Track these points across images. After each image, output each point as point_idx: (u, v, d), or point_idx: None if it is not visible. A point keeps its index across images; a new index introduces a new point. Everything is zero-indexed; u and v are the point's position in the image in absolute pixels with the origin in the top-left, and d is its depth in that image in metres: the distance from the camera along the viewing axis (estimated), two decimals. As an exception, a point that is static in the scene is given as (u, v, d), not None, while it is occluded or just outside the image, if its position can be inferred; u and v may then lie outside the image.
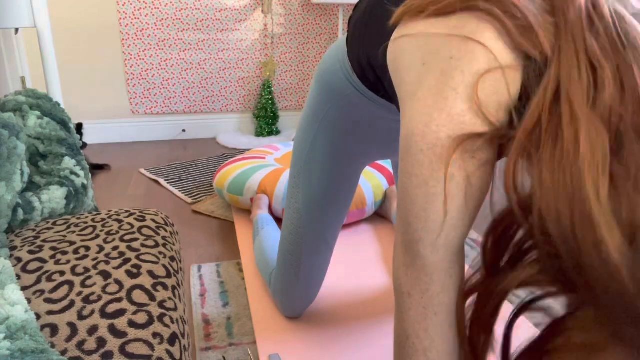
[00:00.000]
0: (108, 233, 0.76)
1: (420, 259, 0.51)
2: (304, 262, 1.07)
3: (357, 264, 1.47)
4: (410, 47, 0.57)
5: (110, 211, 0.85)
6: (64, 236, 0.74)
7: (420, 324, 0.52)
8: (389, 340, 1.13)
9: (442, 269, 0.50)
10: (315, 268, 1.08)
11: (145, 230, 0.79)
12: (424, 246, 0.50)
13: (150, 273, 0.67)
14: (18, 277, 0.64)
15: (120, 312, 0.59)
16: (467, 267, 0.51)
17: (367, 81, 0.80)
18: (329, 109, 0.92)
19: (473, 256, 1.53)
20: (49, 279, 0.63)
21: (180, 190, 2.02)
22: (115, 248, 0.72)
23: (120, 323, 0.57)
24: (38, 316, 0.57)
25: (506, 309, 0.48)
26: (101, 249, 0.71)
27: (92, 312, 0.58)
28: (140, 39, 2.60)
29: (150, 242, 0.75)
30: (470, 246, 1.61)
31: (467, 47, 0.50)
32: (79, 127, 2.57)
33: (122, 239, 0.74)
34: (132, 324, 0.57)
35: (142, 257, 0.71)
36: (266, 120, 2.84)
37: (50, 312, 0.57)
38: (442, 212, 0.49)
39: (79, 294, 0.61)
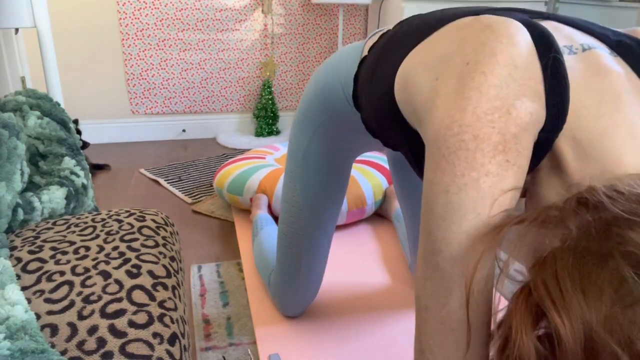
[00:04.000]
0: (108, 233, 0.76)
1: (439, 272, 0.47)
2: (304, 255, 1.07)
3: (357, 264, 1.47)
4: (419, 69, 0.56)
5: (110, 211, 0.85)
6: (64, 236, 0.74)
7: (435, 339, 0.49)
8: (389, 340, 1.13)
9: (463, 284, 0.47)
10: (315, 261, 1.09)
11: (145, 230, 0.79)
12: (443, 258, 0.47)
13: (150, 273, 0.67)
14: (18, 277, 0.64)
15: (120, 312, 0.59)
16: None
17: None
18: (326, 118, 0.93)
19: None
20: (49, 279, 0.63)
21: (180, 190, 2.02)
22: (115, 248, 0.72)
23: (120, 323, 0.57)
24: (38, 316, 0.57)
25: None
26: (101, 249, 0.71)
27: (92, 312, 0.58)
28: (140, 39, 2.60)
29: (150, 242, 0.75)
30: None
31: (485, 49, 0.49)
32: (75, 122, 2.56)
33: (122, 239, 0.74)
34: (132, 324, 0.57)
35: (142, 257, 0.71)
36: (266, 120, 2.84)
37: (50, 312, 0.57)
38: (462, 222, 0.45)
39: (79, 294, 0.61)
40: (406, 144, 0.65)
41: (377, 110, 0.71)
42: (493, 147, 0.45)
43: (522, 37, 0.51)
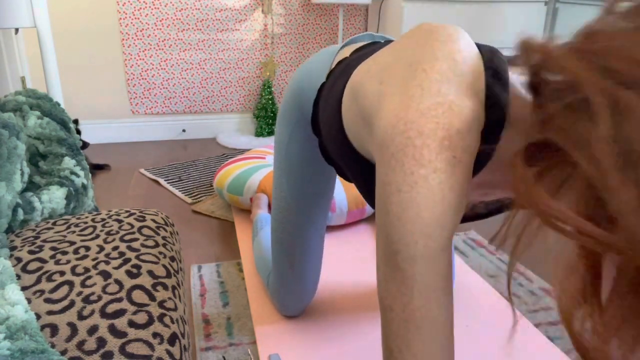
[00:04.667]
0: (108, 233, 0.76)
1: (399, 272, 0.48)
2: (297, 252, 1.07)
3: (356, 264, 1.47)
4: (365, 78, 0.57)
5: (110, 211, 0.85)
6: (64, 236, 0.74)
7: (402, 338, 0.49)
8: (389, 340, 1.13)
9: (423, 282, 0.47)
10: (308, 257, 1.08)
11: (145, 230, 0.79)
12: (402, 258, 0.47)
13: (150, 273, 0.67)
14: (18, 277, 0.64)
15: (120, 312, 0.59)
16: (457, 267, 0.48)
17: None
18: (301, 118, 0.94)
19: (473, 256, 1.54)
20: (49, 279, 0.63)
21: (180, 190, 2.02)
22: (115, 248, 0.72)
23: (120, 323, 0.57)
24: (38, 316, 0.57)
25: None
26: (101, 249, 0.71)
27: (92, 312, 0.58)
28: (140, 39, 2.60)
29: (150, 242, 0.75)
30: (470, 246, 1.60)
31: (425, 48, 0.49)
32: (75, 122, 2.57)
33: (122, 239, 0.74)
34: (132, 324, 0.57)
35: (142, 257, 0.71)
36: (266, 120, 2.84)
37: (50, 312, 0.57)
38: (416, 220, 0.46)
39: (79, 294, 0.61)
40: (359, 175, 0.66)
41: (330, 132, 0.71)
42: (439, 143, 0.45)
43: (461, 36, 0.52)
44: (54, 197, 0.85)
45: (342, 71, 0.72)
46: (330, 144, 0.74)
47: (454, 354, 0.50)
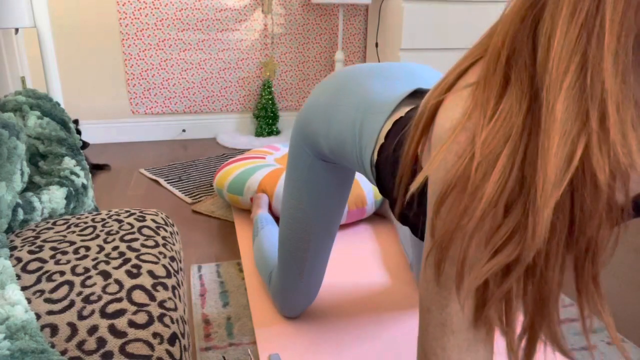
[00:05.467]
0: (108, 233, 0.76)
1: (442, 274, 0.47)
2: (309, 259, 1.07)
3: (356, 264, 1.47)
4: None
5: (110, 211, 0.85)
6: (64, 236, 0.74)
7: (437, 341, 0.49)
8: (389, 340, 1.13)
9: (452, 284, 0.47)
10: (318, 264, 1.09)
11: (145, 230, 0.79)
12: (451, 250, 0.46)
13: (150, 273, 0.67)
14: (18, 277, 0.64)
15: (120, 312, 0.59)
16: None
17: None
18: (312, 157, 0.95)
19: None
20: (49, 279, 0.63)
21: (180, 190, 2.02)
22: (115, 248, 0.72)
23: (120, 323, 0.57)
24: (38, 316, 0.57)
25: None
26: (101, 249, 0.71)
27: (92, 312, 0.58)
28: (140, 39, 2.60)
29: (150, 242, 0.75)
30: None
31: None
32: (75, 122, 2.57)
33: (122, 239, 0.74)
34: (132, 324, 0.57)
35: (142, 257, 0.71)
36: (266, 120, 2.84)
37: (50, 312, 0.57)
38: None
39: (79, 294, 0.61)
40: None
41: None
42: None
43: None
44: (54, 197, 0.85)
45: (402, 127, 0.71)
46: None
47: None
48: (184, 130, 2.82)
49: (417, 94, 0.78)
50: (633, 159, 0.36)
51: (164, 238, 0.79)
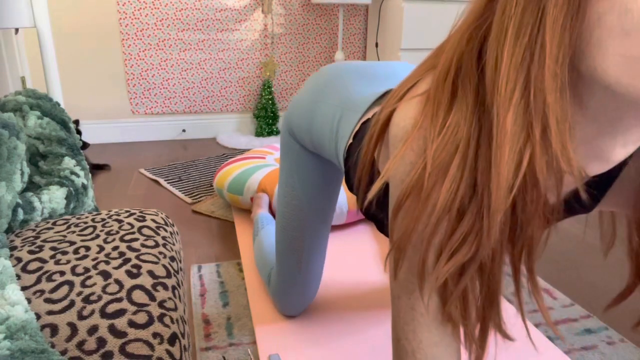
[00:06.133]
0: (108, 233, 0.76)
1: (400, 272, 0.51)
2: (305, 249, 1.07)
3: (356, 264, 1.47)
4: None
5: (110, 211, 0.85)
6: (64, 236, 0.74)
7: (408, 325, 0.52)
8: (388, 339, 1.13)
9: (405, 280, 0.51)
10: (316, 254, 1.10)
11: (145, 230, 0.79)
12: (410, 248, 0.50)
13: (150, 273, 0.67)
14: (18, 277, 0.64)
15: (120, 312, 0.59)
16: None
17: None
18: (299, 148, 0.99)
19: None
20: (49, 279, 0.63)
21: (180, 190, 2.02)
22: (115, 248, 0.72)
23: (120, 323, 0.57)
24: (38, 316, 0.57)
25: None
26: (101, 249, 0.71)
27: (92, 312, 0.58)
28: (140, 39, 2.60)
29: (150, 242, 0.75)
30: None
31: None
32: (75, 123, 2.57)
33: (122, 239, 0.74)
34: (132, 324, 0.57)
35: (142, 257, 0.71)
36: (266, 120, 2.84)
37: (50, 312, 0.57)
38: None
39: (79, 294, 0.61)
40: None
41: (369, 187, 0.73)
42: None
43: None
44: (54, 197, 0.85)
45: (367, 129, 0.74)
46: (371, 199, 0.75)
47: (460, 342, 0.52)
48: (184, 130, 2.82)
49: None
50: (572, 166, 0.40)
51: (164, 238, 0.79)
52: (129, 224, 0.80)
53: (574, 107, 0.43)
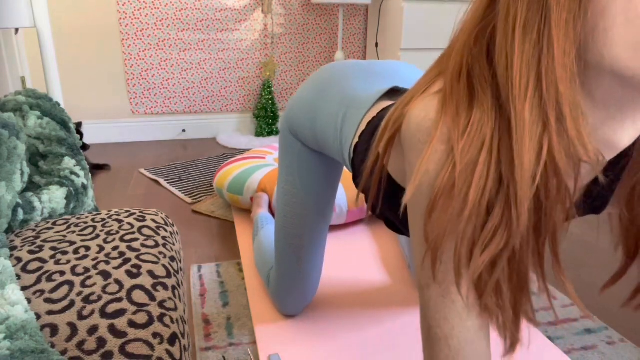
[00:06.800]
0: (108, 233, 0.76)
1: (439, 273, 0.51)
2: (305, 246, 1.08)
3: (356, 263, 1.47)
4: None
5: (110, 211, 0.85)
6: (64, 236, 0.74)
7: (439, 312, 0.52)
8: (389, 339, 1.13)
9: (444, 279, 0.51)
10: (315, 251, 1.10)
11: (145, 230, 0.79)
12: (427, 257, 0.50)
13: (150, 273, 0.67)
14: (18, 277, 0.64)
15: (120, 312, 0.59)
16: None
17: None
18: (300, 145, 0.99)
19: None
20: (49, 279, 0.63)
21: (180, 190, 2.02)
22: (115, 248, 0.72)
23: (120, 323, 0.57)
24: (38, 316, 0.57)
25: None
26: (101, 249, 0.71)
27: (92, 312, 0.58)
28: (140, 39, 2.60)
29: (150, 242, 0.75)
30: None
31: None
32: (78, 125, 2.57)
33: (122, 239, 0.74)
34: (132, 324, 0.57)
35: (142, 257, 0.71)
36: (266, 120, 2.84)
37: (50, 312, 0.57)
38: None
39: (79, 294, 0.61)
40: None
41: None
42: None
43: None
44: (54, 197, 0.85)
45: (374, 128, 0.75)
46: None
47: (489, 328, 0.53)
48: (184, 130, 2.82)
49: (395, 93, 0.82)
50: (588, 150, 0.42)
51: (164, 238, 0.79)
52: (129, 224, 0.80)
53: (582, 96, 0.45)
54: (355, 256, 1.52)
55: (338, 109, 0.85)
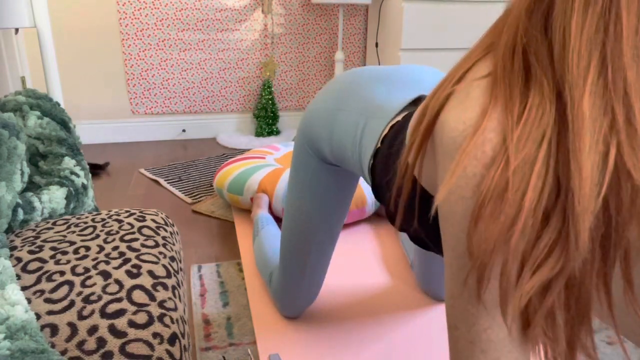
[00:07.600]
0: (108, 233, 0.76)
1: (467, 290, 0.44)
2: (311, 261, 1.07)
3: (356, 264, 1.47)
4: None
5: (110, 211, 0.85)
6: (64, 236, 0.74)
7: (467, 359, 0.46)
8: (389, 339, 1.13)
9: (491, 301, 0.43)
10: (320, 266, 1.09)
11: (145, 230, 0.79)
12: (471, 275, 0.43)
13: (150, 273, 0.67)
14: (18, 277, 0.64)
15: (120, 312, 0.59)
16: None
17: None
18: (317, 162, 0.95)
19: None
20: (49, 279, 0.63)
21: (180, 190, 2.02)
22: (115, 248, 0.72)
23: (120, 323, 0.57)
24: (38, 316, 0.57)
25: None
26: (101, 249, 0.71)
27: (92, 312, 0.58)
28: (140, 39, 2.60)
29: (150, 242, 0.75)
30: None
31: None
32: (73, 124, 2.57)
33: (122, 239, 0.74)
34: (132, 324, 0.57)
35: (142, 257, 0.71)
36: (266, 120, 2.84)
37: (50, 312, 0.57)
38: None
39: (79, 294, 0.61)
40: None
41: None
42: None
43: None
44: (54, 197, 0.85)
45: (397, 133, 0.69)
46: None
47: None
48: (184, 130, 2.82)
49: (421, 101, 0.77)
50: None
51: (164, 238, 0.79)
52: (129, 224, 0.80)
53: None
54: (355, 256, 1.52)
55: (357, 119, 0.79)
